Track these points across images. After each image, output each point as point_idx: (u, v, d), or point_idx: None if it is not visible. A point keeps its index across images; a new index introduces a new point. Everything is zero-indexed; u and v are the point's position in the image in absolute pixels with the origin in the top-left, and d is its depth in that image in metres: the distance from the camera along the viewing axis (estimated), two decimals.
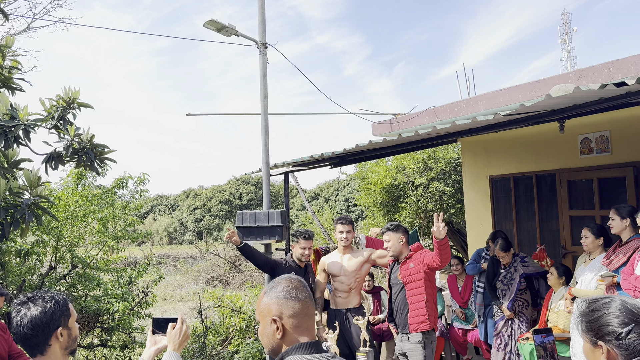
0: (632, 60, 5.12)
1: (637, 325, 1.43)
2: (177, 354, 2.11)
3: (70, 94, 3.85)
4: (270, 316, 1.53)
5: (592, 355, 1.53)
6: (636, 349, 1.41)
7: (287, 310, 1.52)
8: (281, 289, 1.56)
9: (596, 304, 1.54)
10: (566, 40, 32.96)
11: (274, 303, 1.54)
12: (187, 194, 47.68)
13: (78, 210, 6.24)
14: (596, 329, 1.49)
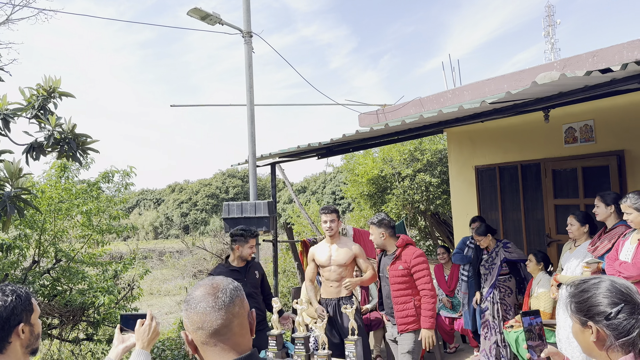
0: (615, 49, 5.16)
1: (626, 305, 1.43)
2: (146, 352, 1.98)
3: (50, 82, 3.77)
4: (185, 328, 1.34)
5: (581, 336, 1.53)
6: (625, 329, 1.41)
7: (190, 324, 1.29)
8: (188, 298, 1.33)
9: (585, 284, 1.54)
10: (550, 33, 33.21)
11: (184, 314, 1.33)
12: (172, 188, 47.36)
13: (61, 204, 6.14)
14: (586, 310, 1.49)
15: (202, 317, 1.28)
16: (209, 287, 1.33)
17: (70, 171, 6.32)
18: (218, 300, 1.30)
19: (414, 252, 4.05)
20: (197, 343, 1.31)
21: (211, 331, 1.27)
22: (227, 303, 1.30)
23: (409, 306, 4.02)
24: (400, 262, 4.04)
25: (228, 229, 5.12)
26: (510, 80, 6.07)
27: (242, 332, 1.33)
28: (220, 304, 1.29)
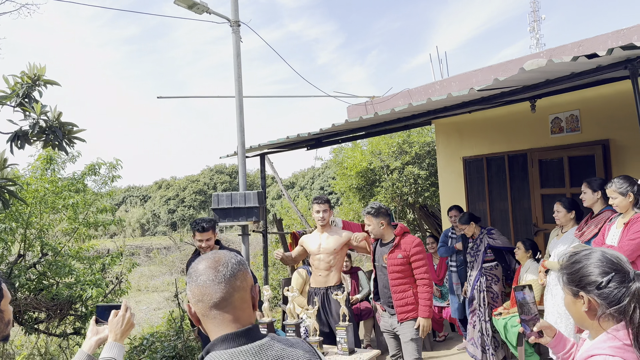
0: (601, 39, 5.22)
1: (616, 274, 1.46)
2: (120, 344, 1.89)
3: (35, 70, 3.72)
4: (188, 299, 1.37)
5: (573, 307, 1.55)
6: (616, 297, 1.44)
7: (193, 296, 1.33)
8: (191, 271, 1.37)
9: (577, 256, 1.56)
10: (535, 28, 33.46)
11: (187, 286, 1.36)
12: (159, 185, 46.99)
13: (47, 197, 6.07)
14: (577, 280, 1.51)
15: (202, 289, 1.31)
16: (211, 261, 1.35)
17: (57, 164, 6.24)
18: (219, 274, 1.32)
19: (412, 240, 4.03)
20: (199, 315, 1.34)
21: (211, 304, 1.30)
22: (227, 277, 1.32)
23: (408, 294, 3.99)
24: (399, 251, 3.99)
25: (218, 219, 5.10)
26: (497, 70, 6.11)
27: (243, 306, 1.34)
28: (221, 278, 1.31)
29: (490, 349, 5.02)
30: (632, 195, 3.45)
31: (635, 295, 1.42)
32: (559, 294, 4.23)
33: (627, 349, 1.40)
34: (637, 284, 1.43)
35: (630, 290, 1.43)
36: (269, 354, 1.29)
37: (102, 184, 6.81)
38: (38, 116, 3.61)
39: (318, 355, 1.44)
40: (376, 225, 4.07)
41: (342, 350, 3.69)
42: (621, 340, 1.41)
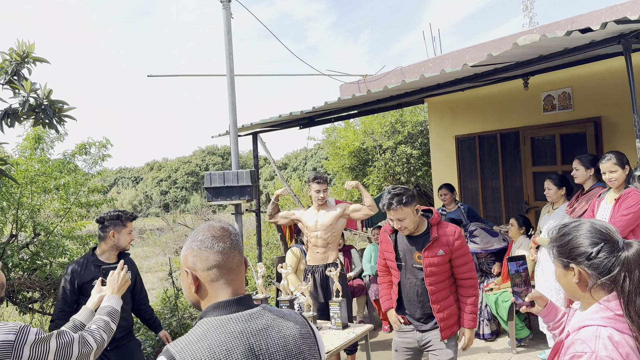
0: (594, 15, 5.20)
1: (606, 244, 1.46)
2: (116, 297, 2.26)
3: (24, 47, 3.65)
4: (185, 267, 1.39)
5: (564, 279, 1.56)
6: (606, 267, 1.44)
7: (201, 263, 1.35)
8: (198, 238, 1.39)
9: (566, 228, 1.56)
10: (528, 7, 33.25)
11: (189, 254, 1.38)
12: (151, 166, 46.80)
13: (37, 177, 6.02)
14: (567, 252, 1.52)
15: (220, 256, 1.36)
16: (221, 230, 1.41)
17: (45, 142, 6.17)
18: (215, 243, 1.37)
19: (454, 230, 3.10)
20: (203, 281, 1.37)
21: (226, 270, 1.36)
22: (222, 246, 1.38)
23: (450, 302, 3.14)
24: (439, 246, 3.05)
25: (211, 198, 5.09)
26: (491, 47, 6.07)
27: (239, 276, 1.41)
28: (217, 246, 1.37)
29: (485, 320, 5.11)
30: (628, 168, 3.49)
31: (624, 264, 1.42)
32: (550, 269, 4.29)
33: (619, 319, 1.40)
34: (626, 253, 1.43)
35: (619, 259, 1.43)
36: (259, 322, 1.33)
37: (92, 164, 6.75)
38: (28, 94, 3.56)
39: (310, 327, 1.46)
40: (412, 215, 3.03)
41: (336, 325, 3.74)
42: (613, 310, 1.41)
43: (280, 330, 1.35)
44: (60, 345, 1.78)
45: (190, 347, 1.24)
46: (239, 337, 1.28)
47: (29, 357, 1.67)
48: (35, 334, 1.71)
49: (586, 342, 1.38)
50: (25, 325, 1.70)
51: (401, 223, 3.01)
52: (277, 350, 1.32)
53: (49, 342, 1.75)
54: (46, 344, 1.74)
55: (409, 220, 3.02)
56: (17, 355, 1.63)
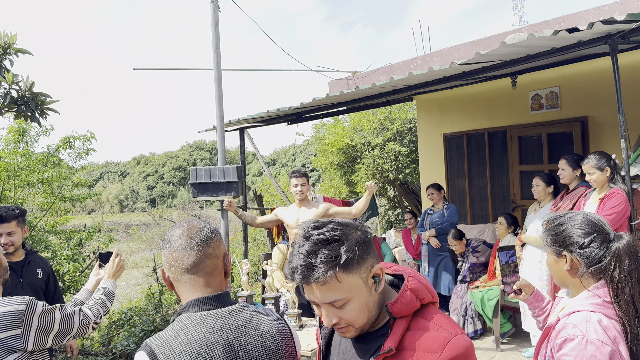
0: (582, 15, 5.23)
1: (598, 235, 1.56)
2: (112, 280, 2.44)
3: (5, 38, 3.58)
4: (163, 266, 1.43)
5: (555, 267, 1.65)
6: (597, 257, 1.55)
7: (167, 261, 1.37)
8: (165, 238, 1.40)
9: (561, 219, 1.66)
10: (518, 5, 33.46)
11: (162, 253, 1.40)
12: (137, 161, 46.39)
13: (21, 170, 5.93)
14: (561, 241, 1.61)
15: (175, 255, 1.36)
16: (184, 228, 1.40)
17: (29, 136, 6.07)
18: (191, 241, 1.37)
19: (443, 342, 1.13)
20: (172, 279, 1.40)
21: (183, 269, 1.35)
22: (200, 243, 1.37)
23: None
24: None
25: (196, 194, 5.03)
26: (479, 45, 6.08)
27: (215, 272, 1.40)
28: (193, 244, 1.37)
29: (469, 319, 5.14)
30: (609, 170, 3.50)
31: (615, 255, 1.52)
32: (534, 267, 4.31)
33: (607, 306, 1.50)
34: (617, 244, 1.54)
35: (610, 250, 1.54)
36: (238, 319, 1.34)
37: (76, 157, 6.66)
38: (10, 86, 3.50)
39: (286, 324, 1.48)
40: (359, 289, 1.32)
41: None
42: (601, 297, 1.51)
43: (259, 327, 1.37)
44: (63, 315, 1.98)
45: (170, 342, 1.25)
46: (219, 332, 1.29)
47: (37, 326, 1.85)
48: (42, 305, 1.90)
49: (577, 326, 1.47)
50: (32, 298, 1.89)
51: (338, 313, 1.20)
52: (256, 347, 1.33)
53: (54, 313, 1.93)
54: (52, 315, 1.92)
55: (353, 304, 1.22)
56: (28, 323, 1.83)
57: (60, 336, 1.95)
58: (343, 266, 1.13)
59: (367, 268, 1.18)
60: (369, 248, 1.21)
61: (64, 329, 1.97)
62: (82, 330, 2.08)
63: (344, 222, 1.23)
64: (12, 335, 1.78)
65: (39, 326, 1.86)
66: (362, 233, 1.22)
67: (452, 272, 5.57)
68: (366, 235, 1.23)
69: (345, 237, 1.17)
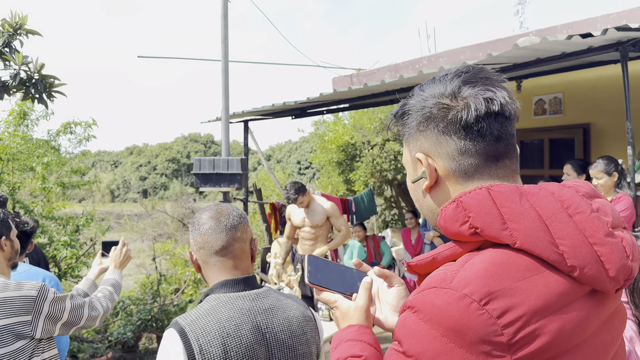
0: (590, 22, 5.26)
1: None
2: (119, 271, 2.37)
3: (17, 18, 3.54)
4: (190, 249, 1.46)
5: None
6: None
7: (195, 244, 1.41)
8: (193, 221, 1.43)
9: None
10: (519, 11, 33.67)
11: (190, 236, 1.44)
12: (130, 151, 46.16)
13: (20, 154, 5.87)
14: None
15: (205, 237, 1.39)
16: (213, 212, 1.43)
17: (30, 119, 6.02)
18: (220, 224, 1.40)
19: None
20: (199, 262, 1.42)
21: (212, 251, 1.38)
22: (229, 227, 1.40)
23: None
24: None
25: (199, 184, 5.02)
26: (486, 48, 6.11)
27: (242, 256, 1.43)
28: (222, 227, 1.39)
29: None
30: (616, 175, 3.53)
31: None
32: None
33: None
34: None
35: None
36: (265, 301, 1.37)
37: (77, 143, 6.61)
38: (19, 67, 3.46)
39: (311, 310, 1.50)
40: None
41: (323, 317, 3.73)
42: None
43: (285, 311, 1.39)
44: (73, 305, 1.91)
45: (200, 321, 1.27)
46: (247, 314, 1.32)
47: (47, 313, 1.79)
48: (54, 292, 1.83)
49: None
50: (44, 284, 1.82)
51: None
52: (282, 330, 1.35)
53: (64, 302, 1.86)
54: (62, 303, 1.85)
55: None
56: (38, 309, 1.76)
57: (67, 326, 1.89)
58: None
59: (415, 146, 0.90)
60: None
61: (73, 319, 1.91)
62: (90, 323, 2.02)
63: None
64: (21, 321, 1.73)
65: (49, 313, 1.80)
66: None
67: None
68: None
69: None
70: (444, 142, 0.84)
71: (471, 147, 0.83)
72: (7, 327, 1.70)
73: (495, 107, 0.81)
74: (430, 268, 0.83)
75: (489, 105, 0.81)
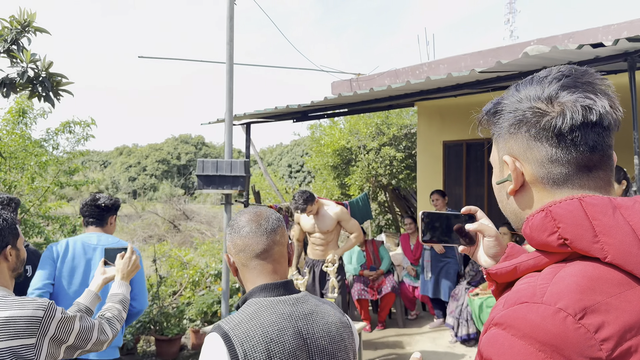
0: (591, 32, 5.33)
1: None
2: (126, 284, 2.17)
3: (25, 15, 3.51)
4: (227, 252, 1.45)
5: None
6: None
7: (233, 247, 1.40)
8: (232, 224, 1.42)
9: None
10: (509, 20, 34.08)
11: (227, 239, 1.43)
12: (120, 151, 45.78)
13: (18, 152, 5.80)
14: None
15: (245, 240, 1.38)
16: (253, 214, 1.42)
17: (29, 118, 5.95)
18: (261, 227, 1.39)
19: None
20: (237, 265, 1.42)
21: (253, 254, 1.37)
22: (269, 230, 1.39)
23: None
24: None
25: (202, 186, 4.98)
26: (486, 56, 6.16)
27: (281, 259, 1.42)
28: (263, 230, 1.39)
29: (463, 321, 5.21)
30: (625, 183, 3.57)
31: None
32: None
33: None
34: None
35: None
36: (305, 307, 1.35)
37: (75, 143, 6.56)
38: (27, 64, 3.43)
39: (346, 316, 1.49)
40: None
41: None
42: None
43: (324, 317, 1.37)
44: (82, 328, 1.77)
45: (243, 325, 1.25)
46: (288, 319, 1.30)
47: (53, 334, 1.66)
48: (61, 312, 1.69)
49: None
50: (52, 302, 1.68)
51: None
52: (322, 336, 1.34)
53: (73, 323, 1.73)
54: (71, 325, 1.72)
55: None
56: (44, 331, 1.62)
57: (72, 349, 1.74)
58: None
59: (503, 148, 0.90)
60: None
61: (79, 342, 1.75)
62: (96, 347, 1.85)
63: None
64: (24, 344, 1.57)
65: (55, 335, 1.65)
66: None
67: (454, 279, 5.62)
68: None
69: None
70: (534, 148, 0.82)
71: (562, 156, 0.80)
72: (8, 351, 1.54)
73: (593, 117, 0.77)
74: (510, 277, 0.81)
75: (586, 114, 0.77)
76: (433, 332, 5.78)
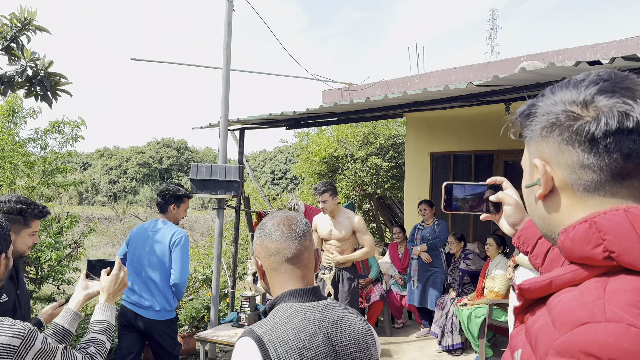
0: (580, 50, 5.48)
1: None
2: (112, 306, 1.90)
3: (26, 13, 3.48)
4: (255, 255, 1.44)
5: None
6: None
7: (263, 251, 1.39)
8: (261, 227, 1.42)
9: None
10: (491, 36, 34.78)
11: (256, 242, 1.42)
12: (101, 153, 45.18)
13: (6, 152, 5.71)
14: None
15: (277, 244, 1.37)
16: (283, 219, 1.41)
17: (19, 117, 5.86)
18: (292, 232, 1.38)
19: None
20: (266, 269, 1.40)
21: (285, 258, 1.37)
22: (300, 235, 1.39)
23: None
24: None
25: (195, 190, 4.97)
26: (476, 70, 6.29)
27: (309, 265, 1.42)
28: (295, 235, 1.39)
29: (448, 332, 5.27)
30: None
31: None
32: None
33: None
34: None
35: None
36: (333, 313, 1.36)
37: (64, 143, 6.48)
38: (27, 63, 3.40)
39: (369, 324, 1.50)
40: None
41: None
42: None
43: (351, 324, 1.38)
44: None
45: (276, 330, 1.25)
46: (319, 325, 1.30)
47: None
48: (42, 341, 1.54)
49: None
50: (33, 330, 1.53)
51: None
52: (350, 343, 1.35)
53: (54, 355, 1.58)
54: (51, 357, 1.57)
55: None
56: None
57: None
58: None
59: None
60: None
61: None
62: None
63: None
64: None
65: None
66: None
67: (440, 288, 5.68)
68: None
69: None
70: (566, 152, 0.79)
71: (595, 163, 0.76)
72: None
73: (630, 124, 0.74)
74: (543, 293, 0.79)
75: (622, 120, 0.74)
76: (420, 341, 5.82)
